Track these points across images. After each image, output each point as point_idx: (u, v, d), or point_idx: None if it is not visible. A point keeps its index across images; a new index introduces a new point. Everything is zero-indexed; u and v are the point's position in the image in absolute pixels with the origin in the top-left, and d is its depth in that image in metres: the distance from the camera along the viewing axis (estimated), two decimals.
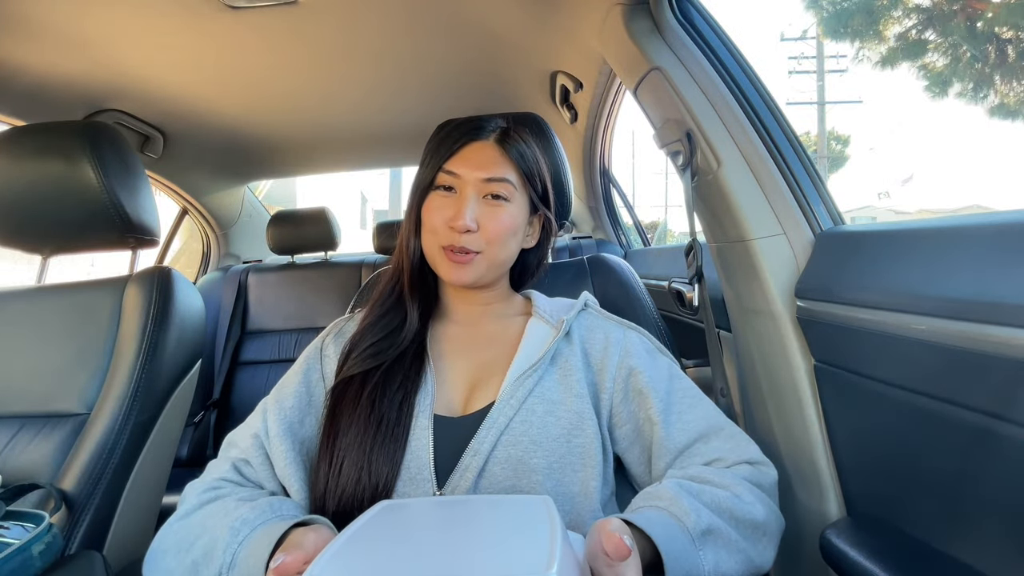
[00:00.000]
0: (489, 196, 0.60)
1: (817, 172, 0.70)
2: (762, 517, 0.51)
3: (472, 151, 0.62)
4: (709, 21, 0.75)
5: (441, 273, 0.62)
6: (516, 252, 0.65)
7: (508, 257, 0.64)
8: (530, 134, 0.66)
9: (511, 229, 0.61)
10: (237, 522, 0.47)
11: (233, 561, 0.44)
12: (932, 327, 0.47)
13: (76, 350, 0.83)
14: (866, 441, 0.59)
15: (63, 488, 0.73)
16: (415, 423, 0.56)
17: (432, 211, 0.61)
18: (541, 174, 0.65)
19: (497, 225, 0.60)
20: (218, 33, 1.00)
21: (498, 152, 0.62)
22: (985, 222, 0.47)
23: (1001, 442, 0.42)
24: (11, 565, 0.58)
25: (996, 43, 7.37)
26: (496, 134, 0.63)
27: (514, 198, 0.62)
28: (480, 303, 0.67)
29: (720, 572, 0.46)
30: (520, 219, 0.63)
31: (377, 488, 0.52)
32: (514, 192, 0.62)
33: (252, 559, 0.44)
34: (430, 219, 0.61)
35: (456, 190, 0.61)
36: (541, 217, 0.67)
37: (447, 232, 0.59)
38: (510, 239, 0.62)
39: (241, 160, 1.81)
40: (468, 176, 0.60)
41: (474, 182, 0.60)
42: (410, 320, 0.63)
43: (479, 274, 0.61)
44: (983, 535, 0.46)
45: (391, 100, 1.40)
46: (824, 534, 0.60)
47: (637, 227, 2.04)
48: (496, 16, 1.02)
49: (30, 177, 0.83)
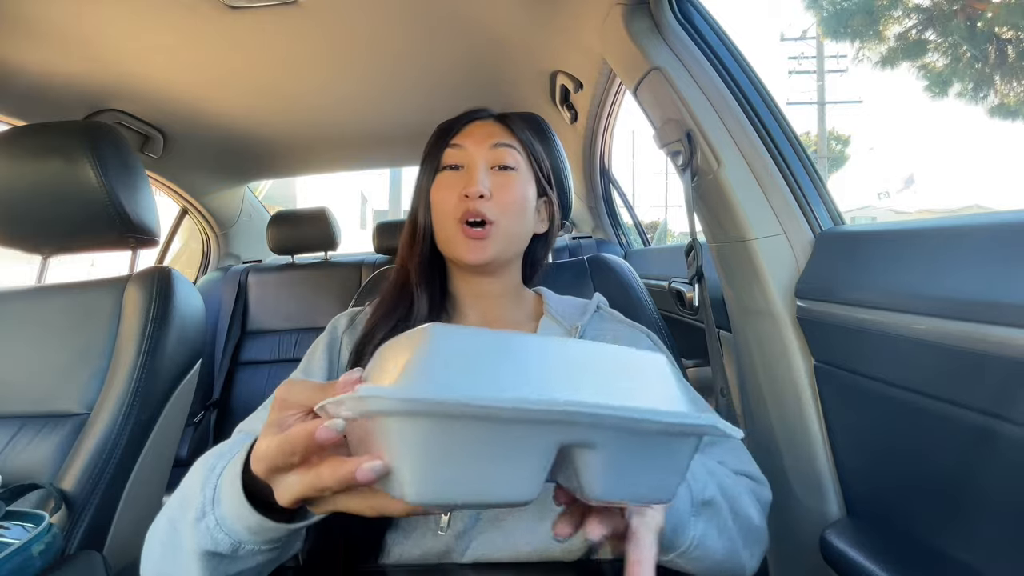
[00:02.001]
0: (498, 167, 0.60)
1: (817, 172, 0.70)
2: (757, 522, 0.51)
3: (475, 127, 0.62)
4: (709, 21, 0.75)
5: (458, 253, 0.59)
6: (530, 232, 0.64)
7: (523, 232, 0.63)
8: (528, 130, 0.66)
9: (523, 198, 0.61)
10: (212, 458, 0.40)
11: (216, 496, 0.36)
12: (932, 327, 0.47)
13: (76, 350, 0.84)
14: (866, 441, 0.59)
15: (63, 488, 0.73)
16: None
17: (443, 188, 0.60)
18: (543, 158, 0.65)
19: (509, 194, 0.59)
20: (218, 33, 1.00)
21: (500, 126, 0.63)
22: (985, 222, 0.47)
23: (1001, 442, 0.42)
24: (11, 565, 0.58)
25: (996, 43, 7.37)
26: (493, 116, 0.65)
27: (521, 169, 0.62)
28: (492, 295, 0.64)
29: (703, 548, 0.43)
30: (531, 193, 0.62)
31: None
32: (520, 161, 0.62)
33: (236, 486, 0.35)
34: (441, 197, 0.60)
35: (464, 166, 0.60)
36: (548, 204, 0.67)
37: (461, 203, 0.58)
38: (523, 210, 0.61)
39: (241, 160, 1.81)
40: (475, 148, 0.60)
41: (482, 152, 0.60)
42: (417, 310, 0.60)
43: (497, 250, 0.59)
44: (983, 535, 0.46)
45: (391, 100, 1.40)
46: (824, 534, 0.60)
47: (637, 227, 2.04)
48: (496, 16, 1.02)
49: (30, 177, 0.83)
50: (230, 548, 0.35)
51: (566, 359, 0.28)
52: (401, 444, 0.23)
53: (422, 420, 0.23)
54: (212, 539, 0.35)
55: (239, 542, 0.35)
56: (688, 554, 0.42)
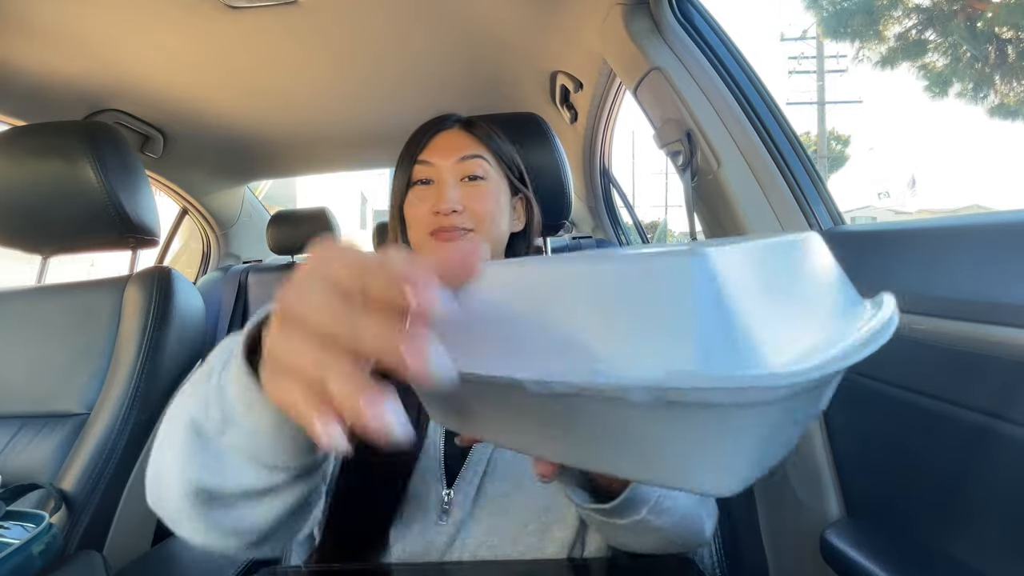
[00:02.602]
0: (467, 178, 0.61)
1: (817, 172, 0.70)
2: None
3: (442, 139, 0.63)
4: (709, 21, 0.75)
5: None
6: (507, 233, 0.65)
7: (500, 235, 0.63)
8: (496, 126, 0.67)
9: (496, 206, 0.61)
10: (225, 352, 0.33)
11: (227, 362, 0.31)
12: (932, 327, 0.47)
13: (76, 350, 0.84)
14: (866, 441, 0.59)
15: (63, 488, 0.73)
16: (431, 424, 0.56)
17: (414, 205, 0.61)
18: (512, 156, 0.66)
19: (481, 203, 0.60)
20: (218, 33, 1.00)
21: (466, 135, 0.64)
22: (985, 222, 0.47)
23: (1001, 442, 0.42)
24: (11, 565, 0.58)
25: (996, 43, 7.38)
26: (459, 123, 0.65)
27: (491, 177, 0.62)
28: None
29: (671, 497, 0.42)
30: (503, 199, 0.63)
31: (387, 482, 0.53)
32: (490, 170, 0.62)
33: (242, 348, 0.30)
34: (413, 213, 0.61)
35: (434, 181, 0.61)
36: (523, 200, 0.68)
37: (432, 219, 0.59)
38: (498, 216, 0.62)
39: (241, 160, 1.81)
40: (442, 162, 0.61)
41: (450, 167, 0.61)
42: None
43: None
44: (983, 535, 0.46)
45: (391, 100, 1.40)
46: (824, 534, 0.60)
47: (637, 227, 2.04)
48: (496, 16, 1.02)
49: (30, 177, 0.83)
50: (220, 419, 0.30)
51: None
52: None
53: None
54: (204, 403, 0.31)
55: (230, 413, 0.30)
56: (658, 506, 0.41)
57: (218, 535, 0.34)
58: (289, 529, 0.38)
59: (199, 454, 0.31)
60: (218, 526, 0.33)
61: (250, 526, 0.34)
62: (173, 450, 0.32)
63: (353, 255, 0.20)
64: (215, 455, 0.31)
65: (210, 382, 0.32)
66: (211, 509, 0.32)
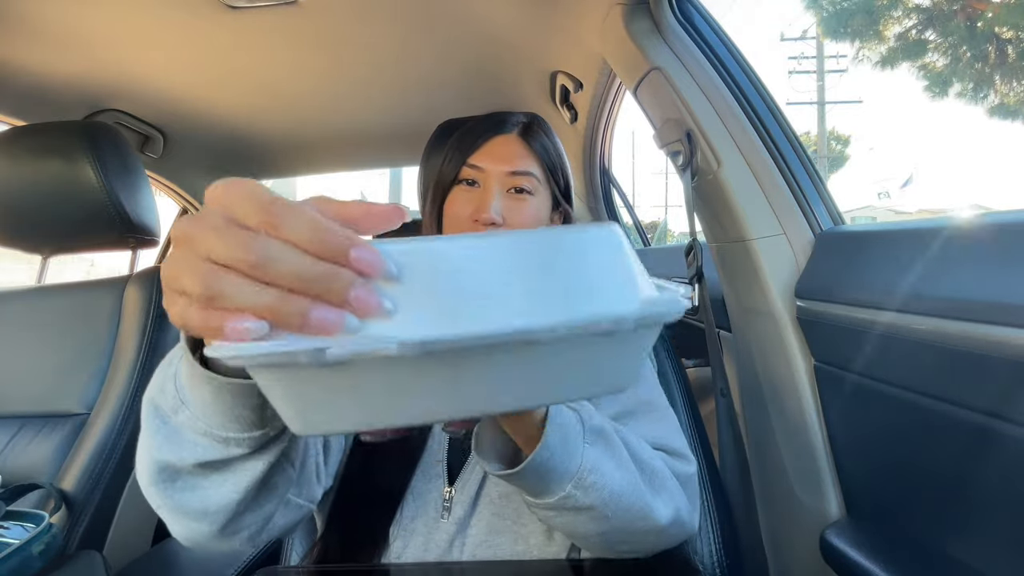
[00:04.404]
0: (513, 190, 0.60)
1: (817, 172, 0.70)
2: (666, 474, 0.49)
3: (496, 145, 0.61)
4: (709, 21, 0.75)
5: None
6: None
7: None
8: (551, 130, 0.65)
9: (536, 223, 0.60)
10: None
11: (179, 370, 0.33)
12: (932, 327, 0.47)
13: (76, 350, 0.84)
14: (866, 441, 0.59)
15: (63, 488, 0.73)
16: (435, 427, 0.56)
17: (456, 205, 0.60)
18: (563, 168, 0.65)
19: (522, 219, 0.59)
20: (218, 33, 1.00)
21: (522, 145, 0.62)
22: (985, 222, 0.48)
23: (1001, 442, 0.42)
24: (11, 565, 0.58)
25: (996, 43, 7.38)
26: (519, 128, 0.63)
27: (538, 192, 0.61)
28: None
29: (598, 473, 0.42)
30: (544, 213, 0.62)
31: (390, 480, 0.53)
32: (538, 186, 0.61)
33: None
34: (454, 213, 0.60)
35: (480, 184, 0.60)
36: (562, 214, 0.67)
37: (471, 226, 0.58)
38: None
39: (241, 160, 1.81)
40: (492, 170, 0.59)
41: (498, 175, 0.59)
42: None
43: None
44: (983, 535, 0.46)
45: (391, 100, 1.40)
46: (824, 534, 0.60)
47: (637, 227, 2.04)
48: (496, 16, 1.02)
49: (30, 177, 0.83)
50: (174, 397, 0.33)
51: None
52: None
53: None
54: (161, 386, 0.34)
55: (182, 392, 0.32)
56: (584, 481, 0.41)
57: (190, 518, 0.36)
58: (257, 512, 0.38)
59: (159, 432, 0.34)
60: (186, 507, 0.36)
61: (215, 506, 0.35)
62: (142, 434, 0.36)
63: (256, 192, 0.21)
64: (174, 431, 0.34)
65: (170, 367, 0.34)
66: (176, 489, 0.35)
